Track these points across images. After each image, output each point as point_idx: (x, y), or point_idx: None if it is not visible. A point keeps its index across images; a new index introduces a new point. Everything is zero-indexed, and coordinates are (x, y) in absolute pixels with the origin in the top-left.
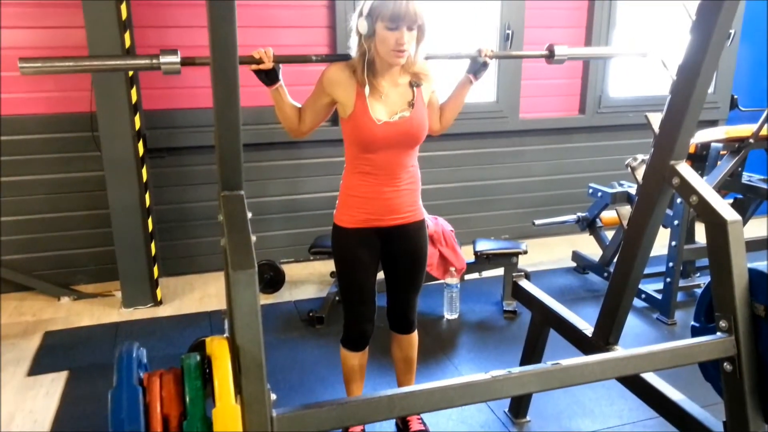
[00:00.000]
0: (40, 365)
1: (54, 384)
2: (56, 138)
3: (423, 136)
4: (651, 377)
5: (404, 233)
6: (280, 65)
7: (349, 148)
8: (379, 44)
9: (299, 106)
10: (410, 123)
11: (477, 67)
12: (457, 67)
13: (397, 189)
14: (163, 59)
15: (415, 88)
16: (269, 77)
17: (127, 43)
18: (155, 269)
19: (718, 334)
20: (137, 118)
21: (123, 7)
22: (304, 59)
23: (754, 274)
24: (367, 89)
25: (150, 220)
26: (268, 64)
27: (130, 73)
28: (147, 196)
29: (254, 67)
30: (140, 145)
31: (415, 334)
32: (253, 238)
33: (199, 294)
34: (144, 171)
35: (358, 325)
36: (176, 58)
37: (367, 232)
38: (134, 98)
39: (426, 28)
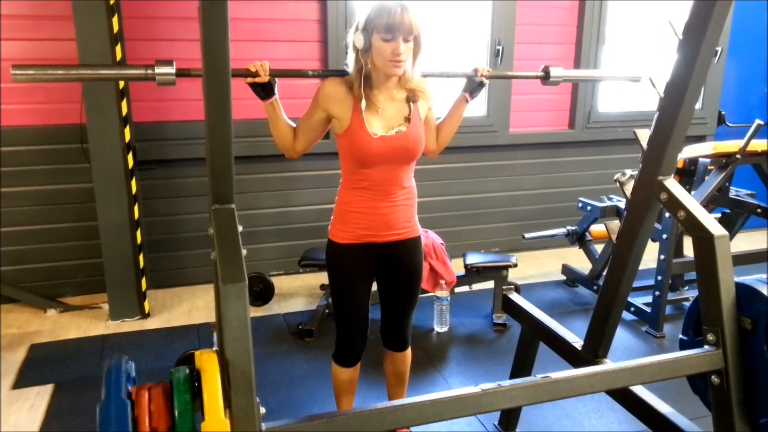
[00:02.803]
0: (25, 378)
1: (39, 397)
2: (45, 150)
3: (419, 152)
4: (640, 390)
5: (400, 250)
6: (276, 79)
7: (345, 163)
8: (375, 56)
9: (294, 125)
10: (406, 138)
11: (473, 87)
12: (452, 85)
13: (393, 204)
14: (158, 69)
15: (411, 104)
16: (264, 91)
17: (119, 56)
18: (143, 281)
19: (706, 347)
20: (127, 131)
21: (114, 20)
22: (301, 74)
23: (741, 288)
24: (363, 103)
25: (139, 233)
26: (264, 78)
27: (121, 84)
28: (136, 208)
29: (250, 80)
30: (130, 157)
31: (408, 351)
32: (244, 252)
33: (188, 307)
34: (133, 183)
35: (350, 342)
36: (171, 69)
37: (362, 248)
38: (124, 110)
39: (422, 41)
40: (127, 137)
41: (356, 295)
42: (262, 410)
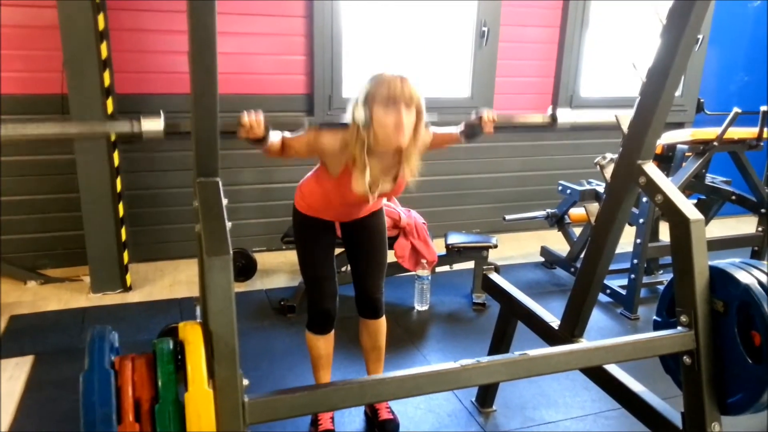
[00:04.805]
0: (4, 349)
1: (18, 368)
2: (25, 119)
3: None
4: (614, 369)
5: (363, 219)
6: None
7: (323, 174)
8: (377, 128)
9: (280, 137)
10: (387, 193)
11: (472, 132)
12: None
13: (360, 208)
14: (145, 126)
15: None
16: (259, 140)
17: (101, 25)
18: (125, 254)
19: (679, 328)
20: (110, 102)
21: None
22: (297, 124)
23: (714, 271)
24: (367, 175)
25: (121, 206)
26: (258, 133)
27: (104, 54)
28: (118, 180)
29: (243, 135)
30: None
31: (383, 320)
32: (229, 225)
33: (170, 280)
34: (116, 155)
35: (321, 304)
36: (160, 125)
37: (327, 221)
38: (107, 81)
39: (423, 111)
40: (110, 109)
41: (322, 254)
42: (245, 382)
